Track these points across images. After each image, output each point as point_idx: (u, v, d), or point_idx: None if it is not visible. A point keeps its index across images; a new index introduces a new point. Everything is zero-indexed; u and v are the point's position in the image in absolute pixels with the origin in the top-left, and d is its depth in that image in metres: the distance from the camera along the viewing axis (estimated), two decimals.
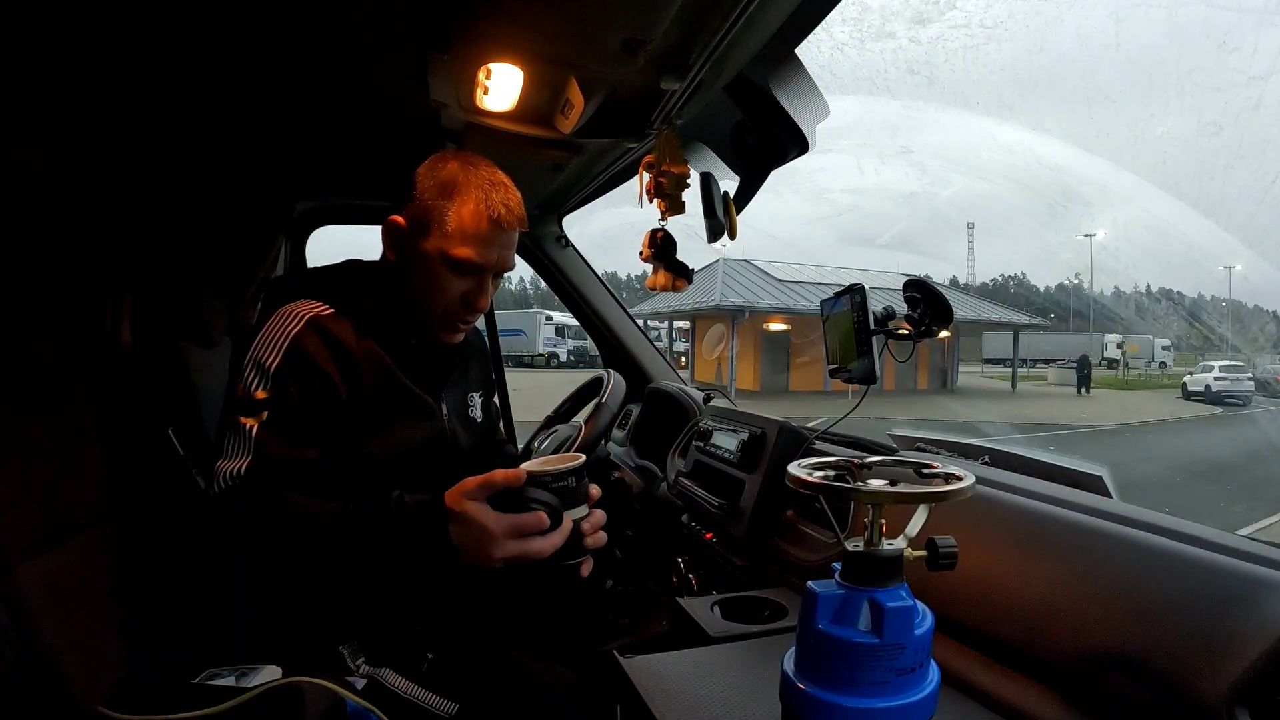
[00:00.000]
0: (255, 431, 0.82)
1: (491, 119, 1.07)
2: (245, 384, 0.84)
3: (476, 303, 0.93)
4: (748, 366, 16.32)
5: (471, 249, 0.89)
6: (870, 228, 65.32)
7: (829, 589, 0.56)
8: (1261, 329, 19.38)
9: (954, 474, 0.58)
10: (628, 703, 0.65)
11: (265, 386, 0.83)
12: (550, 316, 23.18)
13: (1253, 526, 5.20)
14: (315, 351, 0.85)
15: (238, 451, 0.81)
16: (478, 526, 0.77)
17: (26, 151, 1.03)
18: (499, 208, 0.89)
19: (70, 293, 1.10)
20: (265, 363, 0.84)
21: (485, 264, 0.91)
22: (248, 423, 0.82)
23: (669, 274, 1.24)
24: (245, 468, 0.80)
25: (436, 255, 0.89)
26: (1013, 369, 21.54)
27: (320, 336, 0.86)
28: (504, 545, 0.77)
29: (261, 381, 0.83)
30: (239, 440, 0.82)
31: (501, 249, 0.92)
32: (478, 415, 1.08)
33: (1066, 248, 34.32)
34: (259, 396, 0.83)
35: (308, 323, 0.86)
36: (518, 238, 0.95)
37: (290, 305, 0.88)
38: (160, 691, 0.83)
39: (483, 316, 1.01)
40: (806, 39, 0.94)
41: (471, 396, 1.07)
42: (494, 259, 0.91)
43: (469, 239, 0.89)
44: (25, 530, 0.83)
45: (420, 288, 0.91)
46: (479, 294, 0.93)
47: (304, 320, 0.86)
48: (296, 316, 0.86)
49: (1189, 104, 43.72)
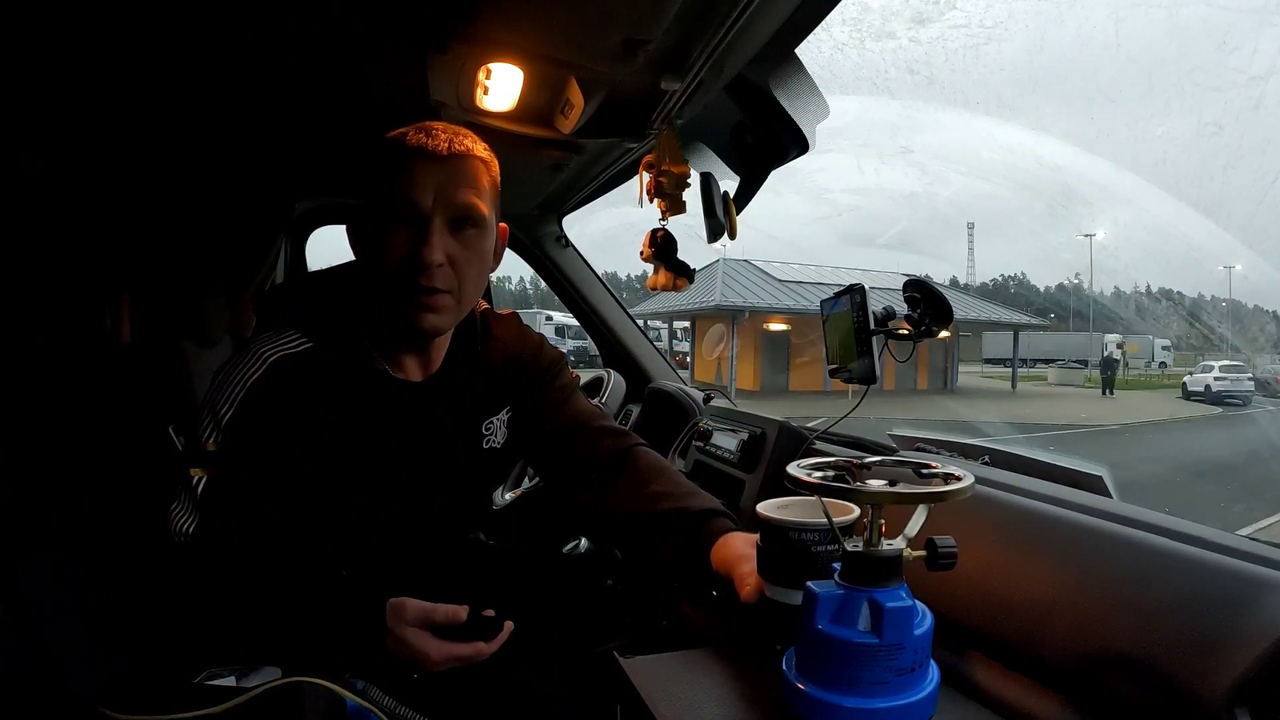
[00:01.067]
0: (200, 488, 0.77)
1: (491, 119, 1.07)
2: (201, 429, 0.78)
3: (421, 253, 0.77)
4: (748, 366, 16.33)
5: (400, 189, 0.77)
6: (870, 228, 65.40)
7: (829, 589, 0.56)
8: (1261, 329, 19.37)
9: (953, 474, 0.58)
10: (628, 703, 0.64)
11: (215, 439, 0.78)
12: (550, 316, 23.16)
13: (1253, 526, 5.20)
14: (273, 401, 0.78)
15: (186, 506, 0.78)
16: (413, 649, 0.77)
17: (27, 152, 1.03)
18: (419, 137, 0.78)
19: (70, 293, 1.10)
20: (220, 412, 0.78)
21: (420, 203, 0.78)
22: (195, 474, 0.77)
23: (669, 274, 1.24)
24: (193, 529, 0.77)
25: (375, 218, 0.80)
26: (1013, 369, 21.54)
27: (284, 382, 0.79)
28: (439, 664, 0.78)
29: (213, 433, 0.78)
30: (187, 494, 0.78)
31: (439, 185, 0.78)
32: (497, 441, 0.98)
33: (1066, 248, 34.37)
34: (209, 448, 0.77)
35: (270, 367, 0.79)
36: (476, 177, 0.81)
37: (259, 342, 0.81)
38: (160, 691, 0.83)
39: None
40: (806, 39, 0.94)
41: (490, 422, 0.97)
42: (429, 199, 0.78)
43: (397, 182, 0.78)
44: (25, 530, 0.83)
45: (369, 265, 0.82)
46: (422, 245, 0.77)
47: (267, 364, 0.79)
48: (259, 358, 0.79)
49: (1189, 104, 43.79)
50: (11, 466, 0.83)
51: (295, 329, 0.83)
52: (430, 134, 0.79)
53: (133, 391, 1.21)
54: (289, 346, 0.81)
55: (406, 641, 0.77)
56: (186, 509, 0.78)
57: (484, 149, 0.84)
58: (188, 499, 0.78)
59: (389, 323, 0.84)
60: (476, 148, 0.83)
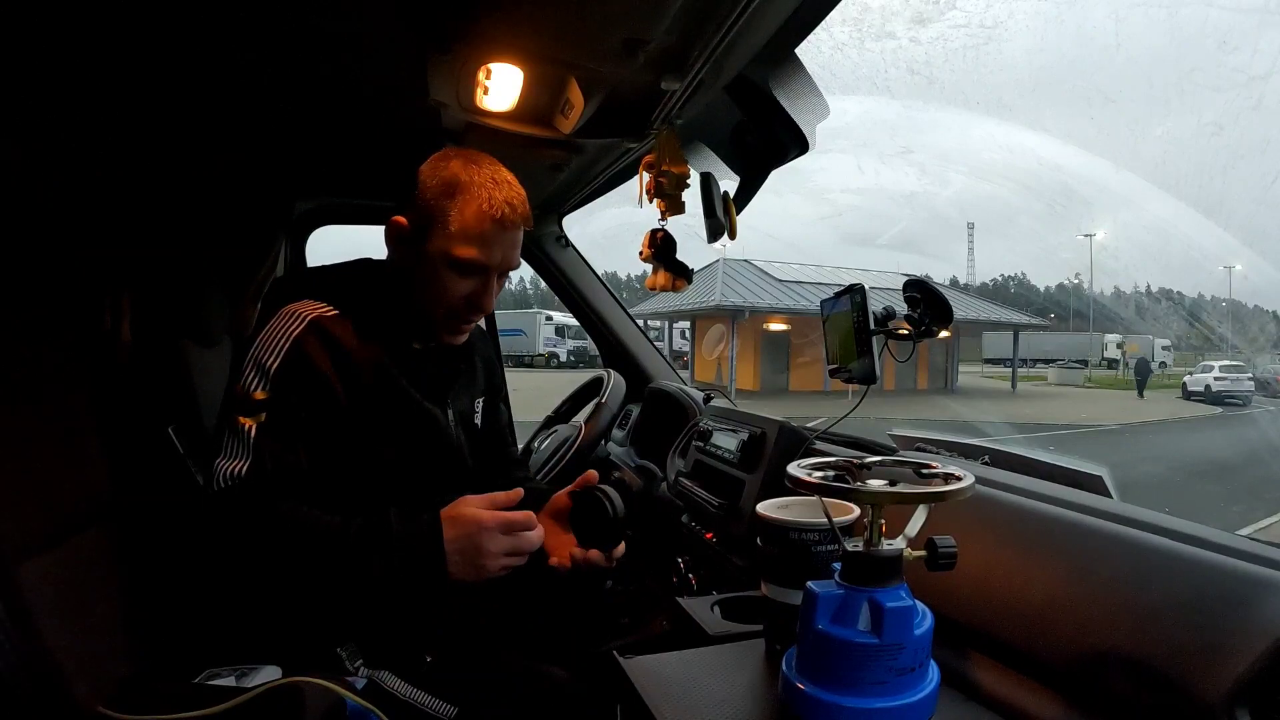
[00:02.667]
0: (254, 433, 0.81)
1: (491, 119, 1.07)
2: (245, 383, 0.83)
3: (481, 303, 0.91)
4: (748, 366, 16.33)
5: (475, 249, 0.87)
6: (870, 228, 65.33)
7: (829, 589, 0.56)
8: (1261, 329, 19.37)
9: (953, 474, 0.58)
10: (628, 703, 0.64)
11: (265, 387, 0.82)
12: (550, 316, 23.18)
13: (1253, 526, 5.19)
14: (316, 354, 0.84)
15: (237, 452, 0.81)
16: (472, 521, 0.79)
17: (27, 151, 1.03)
18: (502, 206, 0.87)
19: (70, 293, 1.10)
20: (265, 363, 0.83)
21: (489, 264, 0.89)
22: (246, 423, 0.81)
23: (669, 274, 1.24)
24: (245, 469, 0.80)
25: (439, 256, 0.87)
26: (1013, 369, 21.53)
27: (321, 339, 0.85)
28: (496, 540, 0.79)
29: (261, 382, 0.83)
30: (238, 441, 0.81)
31: (505, 248, 0.90)
32: (479, 423, 1.07)
33: (1066, 248, 34.40)
34: (258, 397, 0.82)
35: (310, 324, 0.85)
36: (522, 236, 0.93)
37: (294, 305, 0.87)
38: (160, 691, 0.83)
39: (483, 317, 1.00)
40: (806, 39, 0.94)
41: (478, 402, 1.07)
42: (498, 259, 0.89)
43: (472, 239, 0.87)
44: (25, 530, 0.83)
45: (423, 288, 0.90)
46: (483, 294, 0.91)
47: (306, 321, 0.85)
48: (299, 317, 0.86)
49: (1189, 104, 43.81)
50: (11, 466, 0.83)
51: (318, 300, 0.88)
52: (512, 204, 0.88)
53: (133, 390, 1.20)
54: (322, 309, 0.87)
55: (465, 514, 0.80)
56: (237, 455, 0.81)
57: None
58: (238, 446, 0.81)
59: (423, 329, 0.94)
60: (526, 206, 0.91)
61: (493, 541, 0.79)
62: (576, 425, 1.58)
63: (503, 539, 0.80)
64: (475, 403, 1.06)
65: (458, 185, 0.87)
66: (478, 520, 0.79)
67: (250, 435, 0.81)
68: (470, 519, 0.79)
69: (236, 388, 0.84)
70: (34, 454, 0.88)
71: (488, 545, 0.79)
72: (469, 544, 0.79)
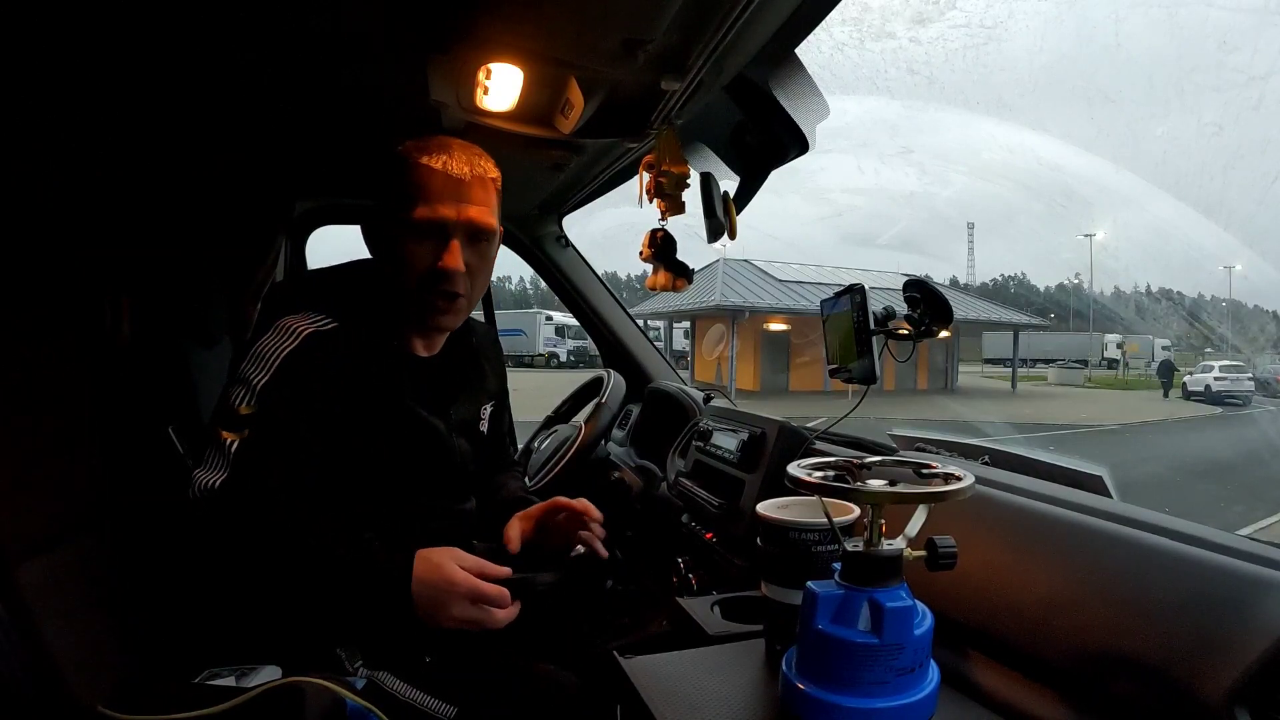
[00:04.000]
0: (234, 448, 0.80)
1: (491, 119, 1.07)
2: (233, 397, 0.83)
3: (446, 264, 0.86)
4: (748, 366, 16.32)
5: (426, 207, 0.85)
6: (870, 228, 65.29)
7: (829, 589, 0.56)
8: (1261, 329, 19.37)
9: (953, 474, 0.58)
10: (628, 703, 0.64)
11: (250, 403, 0.82)
12: (550, 316, 23.17)
13: (1253, 526, 5.19)
14: (307, 371, 0.83)
15: (215, 464, 0.80)
16: (444, 578, 0.78)
17: (26, 150, 1.03)
18: (442, 158, 0.86)
19: (70, 293, 1.10)
20: (253, 380, 0.82)
21: (444, 219, 0.86)
22: (228, 437, 0.81)
23: (669, 274, 1.24)
24: (220, 483, 0.79)
25: (399, 227, 0.87)
26: (1013, 369, 21.53)
27: (315, 354, 0.84)
28: (461, 605, 0.78)
29: (247, 397, 0.82)
30: (218, 454, 0.80)
31: (460, 203, 0.86)
32: (485, 429, 1.06)
33: (1066, 248, 34.36)
34: (243, 412, 0.81)
35: (304, 339, 0.85)
36: (491, 196, 0.90)
37: (290, 319, 0.86)
38: (160, 691, 0.83)
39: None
40: (806, 39, 0.94)
41: (485, 409, 1.06)
42: (453, 214, 0.86)
43: (422, 197, 0.85)
44: (25, 530, 0.83)
45: (396, 268, 0.88)
46: (446, 254, 0.87)
47: (301, 337, 0.85)
48: (293, 333, 0.85)
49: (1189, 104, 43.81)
50: (11, 466, 0.83)
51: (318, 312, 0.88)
52: (452, 157, 0.87)
53: (133, 391, 1.20)
54: (319, 324, 0.87)
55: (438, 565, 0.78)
56: (216, 467, 0.80)
57: (495, 169, 0.92)
58: (218, 458, 0.80)
59: (409, 316, 0.92)
60: (491, 170, 0.91)
61: (456, 605, 0.78)
62: (576, 425, 1.58)
63: (467, 607, 0.78)
64: (483, 409, 1.06)
65: (406, 156, 0.88)
66: (450, 579, 0.78)
67: (230, 450, 0.80)
68: (444, 575, 0.78)
69: (226, 399, 0.83)
70: (34, 454, 0.88)
71: (450, 605, 0.78)
72: (434, 594, 0.78)
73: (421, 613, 0.78)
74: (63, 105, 1.07)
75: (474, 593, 0.78)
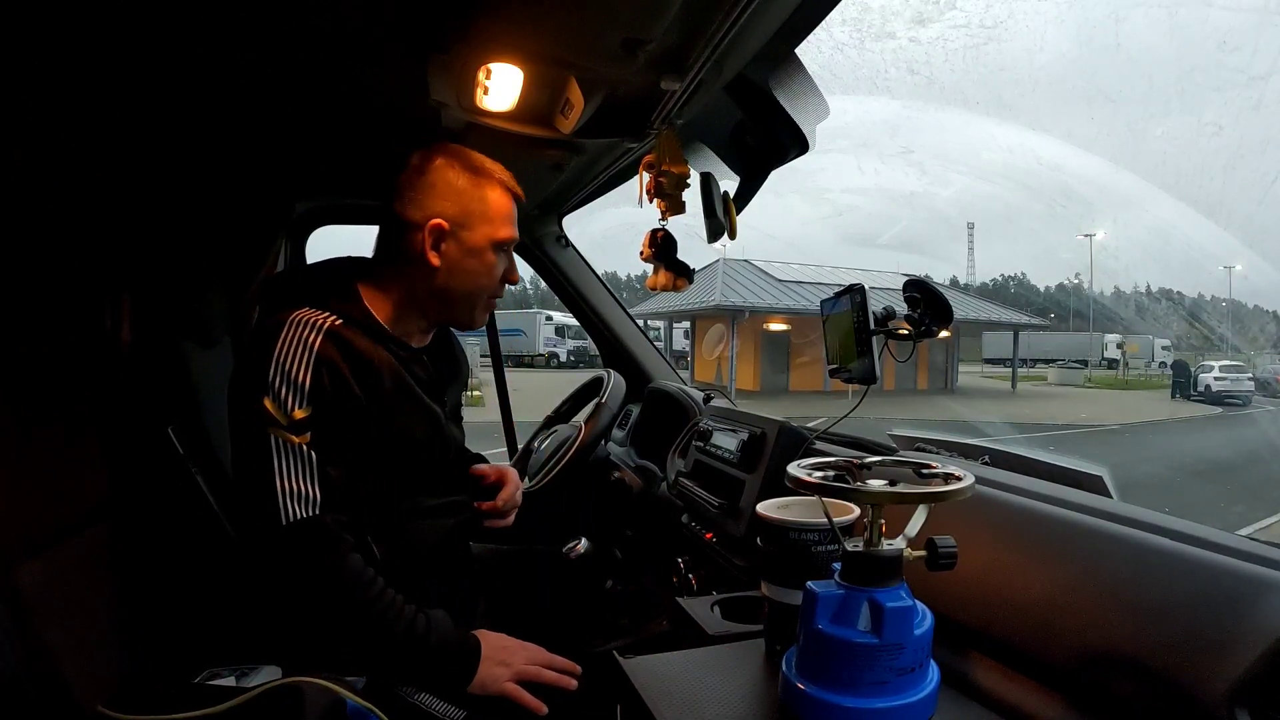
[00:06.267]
0: (310, 452, 0.80)
1: (491, 119, 1.07)
2: (277, 399, 0.81)
3: (511, 277, 1.00)
4: (748, 366, 16.32)
5: (509, 228, 0.96)
6: (870, 228, 65.25)
7: (829, 589, 0.56)
8: (1261, 329, 19.34)
9: (953, 474, 0.58)
10: (628, 703, 0.64)
11: (302, 404, 0.81)
12: (550, 316, 23.15)
13: (1253, 526, 5.19)
14: (339, 365, 0.85)
15: (299, 473, 0.80)
16: (509, 642, 0.90)
17: (26, 150, 1.03)
18: (513, 184, 0.97)
19: (70, 293, 1.10)
20: (297, 378, 0.82)
21: (514, 239, 0.98)
22: (297, 440, 0.80)
23: (669, 274, 1.24)
24: (318, 491, 0.80)
25: (486, 243, 0.94)
26: (1013, 369, 21.53)
27: (340, 348, 0.85)
28: (524, 652, 0.89)
29: (297, 399, 0.81)
30: (296, 460, 0.80)
31: (515, 223, 0.99)
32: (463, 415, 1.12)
33: (1066, 248, 34.34)
34: (299, 416, 0.81)
35: (327, 335, 0.85)
36: None
37: (302, 314, 0.86)
38: (160, 691, 0.83)
39: None
40: (806, 39, 0.94)
41: (463, 396, 1.13)
42: (515, 234, 0.98)
43: (506, 219, 0.96)
44: (25, 530, 0.83)
45: (474, 277, 0.95)
46: (513, 269, 1.01)
47: (323, 332, 0.85)
48: (314, 327, 0.85)
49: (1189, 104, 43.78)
50: (11, 466, 0.83)
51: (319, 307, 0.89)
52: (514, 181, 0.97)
53: (133, 391, 1.21)
54: (330, 319, 0.87)
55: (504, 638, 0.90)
56: (301, 475, 0.80)
57: None
58: (297, 464, 0.80)
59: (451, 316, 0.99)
60: None
61: (518, 656, 0.89)
62: (576, 425, 1.58)
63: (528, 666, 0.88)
64: (461, 395, 1.11)
65: (481, 173, 0.95)
66: (515, 643, 0.90)
67: (309, 455, 0.80)
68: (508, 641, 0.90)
69: (265, 402, 0.81)
70: (34, 454, 0.88)
71: (512, 659, 0.88)
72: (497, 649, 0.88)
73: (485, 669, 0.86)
74: (63, 105, 1.07)
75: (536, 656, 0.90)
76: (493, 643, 0.88)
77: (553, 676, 0.89)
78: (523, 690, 0.86)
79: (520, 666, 0.87)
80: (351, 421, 0.85)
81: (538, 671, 0.88)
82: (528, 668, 0.88)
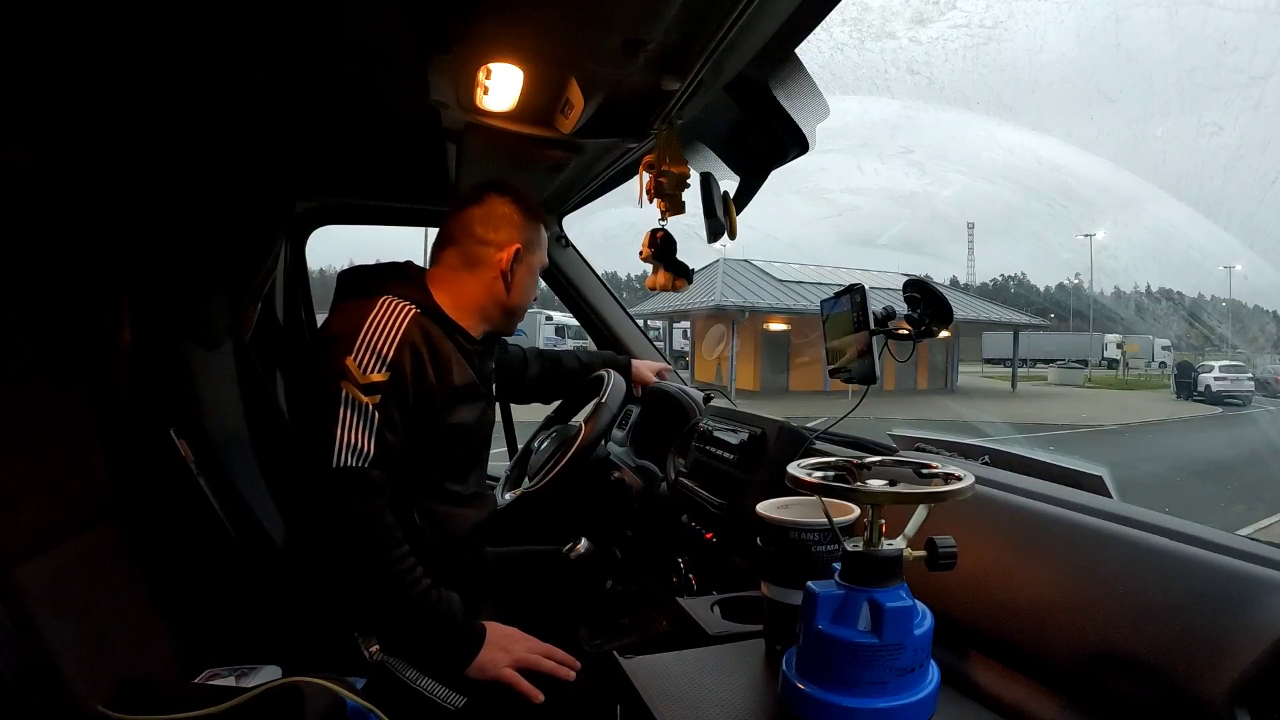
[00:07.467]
0: (375, 413, 0.88)
1: (491, 119, 1.07)
2: (359, 360, 0.89)
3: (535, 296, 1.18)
4: (748, 366, 16.31)
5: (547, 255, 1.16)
6: (870, 228, 65.13)
7: (829, 589, 0.56)
8: (1261, 329, 19.32)
9: (953, 474, 0.58)
10: (628, 703, 0.64)
11: (381, 370, 0.90)
12: (550, 316, 23.13)
13: (1253, 526, 5.18)
14: (420, 346, 0.95)
15: (359, 428, 0.88)
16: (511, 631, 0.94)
17: (27, 151, 1.03)
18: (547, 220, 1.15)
19: (70, 292, 1.10)
20: (381, 349, 0.91)
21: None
22: (366, 400, 0.88)
23: (669, 274, 1.24)
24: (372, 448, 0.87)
25: (538, 265, 1.13)
26: (1013, 369, 21.51)
27: (423, 333, 0.96)
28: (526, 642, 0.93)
29: (378, 364, 0.90)
30: (358, 415, 0.88)
31: None
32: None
33: (1066, 248, 34.26)
34: (375, 379, 0.89)
35: (413, 319, 0.95)
36: None
37: (390, 298, 0.96)
38: (160, 691, 0.83)
39: None
40: (806, 39, 0.94)
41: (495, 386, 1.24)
42: None
43: (544, 248, 1.15)
44: (25, 530, 0.83)
45: (526, 294, 1.12)
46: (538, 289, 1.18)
47: (410, 316, 0.95)
48: (404, 311, 0.95)
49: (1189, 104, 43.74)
50: (11, 466, 0.83)
51: (402, 297, 0.98)
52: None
53: (134, 392, 1.21)
54: (414, 309, 0.97)
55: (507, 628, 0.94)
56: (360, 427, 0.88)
57: None
58: (359, 418, 0.88)
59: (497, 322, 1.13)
60: None
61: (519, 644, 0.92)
62: (576, 425, 1.58)
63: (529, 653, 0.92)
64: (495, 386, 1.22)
65: (532, 213, 1.11)
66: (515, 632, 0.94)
67: (372, 414, 0.88)
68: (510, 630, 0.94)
69: (345, 361, 0.89)
70: (34, 454, 0.88)
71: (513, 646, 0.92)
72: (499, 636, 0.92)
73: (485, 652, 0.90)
74: (64, 105, 1.07)
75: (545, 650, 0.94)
76: (496, 630, 0.92)
77: (551, 666, 0.91)
78: (520, 677, 0.89)
79: (520, 654, 0.91)
80: (420, 404, 0.94)
81: (536, 660, 0.91)
82: (527, 655, 0.91)
